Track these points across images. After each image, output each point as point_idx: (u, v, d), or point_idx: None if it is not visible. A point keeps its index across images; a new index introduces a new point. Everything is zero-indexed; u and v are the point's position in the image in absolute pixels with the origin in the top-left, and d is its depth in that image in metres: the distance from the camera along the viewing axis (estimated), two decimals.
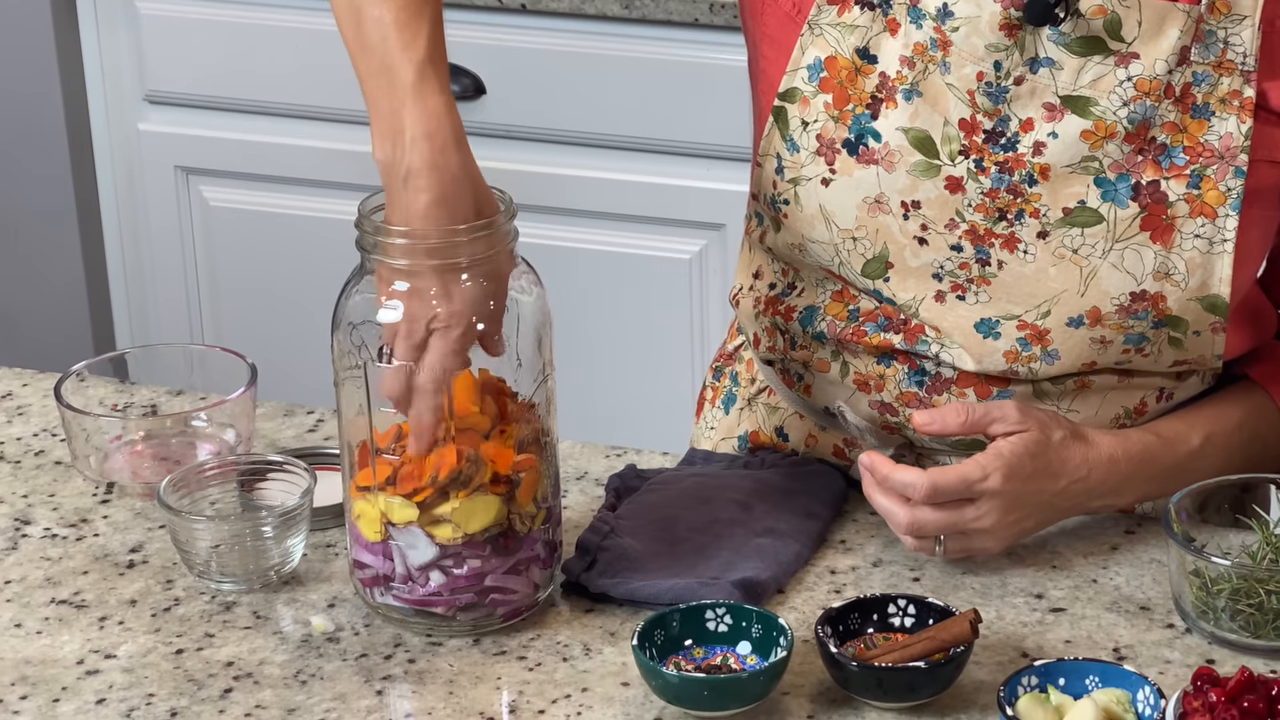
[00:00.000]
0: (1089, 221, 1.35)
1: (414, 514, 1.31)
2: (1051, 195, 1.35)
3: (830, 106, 1.37)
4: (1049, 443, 1.38)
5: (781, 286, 1.46)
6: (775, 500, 1.45)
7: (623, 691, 1.28)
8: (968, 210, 1.36)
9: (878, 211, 1.37)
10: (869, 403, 1.45)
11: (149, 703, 1.28)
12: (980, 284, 1.38)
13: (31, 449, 1.56)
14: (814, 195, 1.38)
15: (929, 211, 1.37)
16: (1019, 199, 1.35)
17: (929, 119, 1.35)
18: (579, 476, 1.51)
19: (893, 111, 1.36)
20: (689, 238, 2.51)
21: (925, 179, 1.36)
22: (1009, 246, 1.37)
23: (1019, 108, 1.34)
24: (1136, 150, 1.34)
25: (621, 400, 2.55)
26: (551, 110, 2.48)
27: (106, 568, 1.41)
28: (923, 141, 1.35)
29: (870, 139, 1.36)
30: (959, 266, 1.38)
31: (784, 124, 1.39)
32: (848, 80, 1.36)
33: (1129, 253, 1.36)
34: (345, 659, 1.31)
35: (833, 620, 1.29)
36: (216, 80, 2.62)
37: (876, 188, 1.37)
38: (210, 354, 1.57)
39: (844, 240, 1.39)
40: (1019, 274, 1.37)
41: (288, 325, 2.61)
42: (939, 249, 1.38)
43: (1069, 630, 1.34)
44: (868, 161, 1.36)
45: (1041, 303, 1.38)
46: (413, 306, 1.27)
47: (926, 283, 1.39)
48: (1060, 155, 1.35)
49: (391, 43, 1.26)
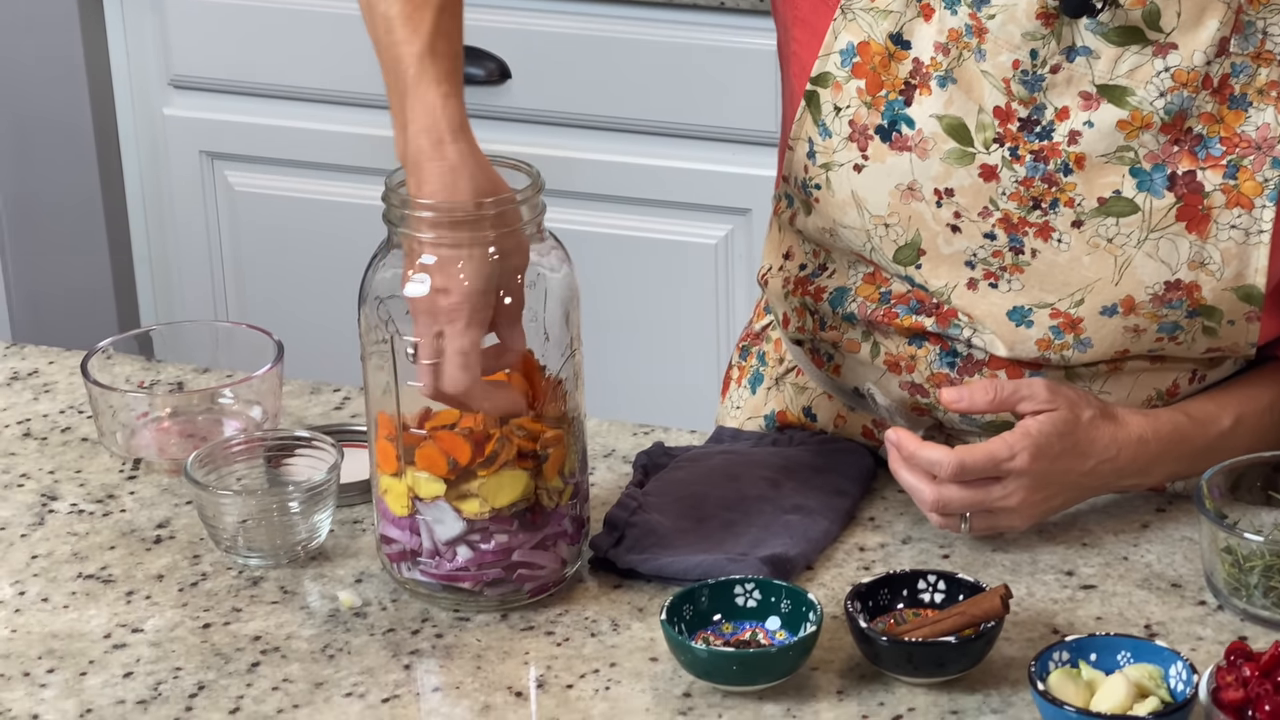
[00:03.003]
0: (1124, 211, 1.34)
1: (441, 489, 1.30)
2: (1087, 185, 1.34)
3: (863, 92, 1.36)
4: (1078, 422, 1.37)
5: (812, 267, 1.46)
6: (804, 477, 1.44)
7: (651, 667, 1.28)
8: (1002, 198, 1.35)
9: (910, 198, 1.36)
10: (899, 383, 1.44)
11: (176, 676, 1.27)
12: (1013, 272, 1.37)
13: (58, 426, 1.56)
14: (846, 181, 1.38)
15: (962, 199, 1.36)
16: (1054, 188, 1.34)
17: (963, 106, 1.34)
18: (606, 454, 1.51)
19: (927, 98, 1.35)
20: (714, 223, 2.50)
21: (959, 166, 1.35)
22: (1043, 235, 1.36)
23: (1055, 96, 1.33)
24: (1172, 140, 1.33)
25: (645, 388, 2.55)
26: (576, 95, 2.47)
27: (133, 543, 1.41)
28: (957, 129, 1.34)
29: (904, 125, 1.35)
30: (992, 255, 1.37)
31: (816, 108, 1.38)
32: (881, 66, 1.36)
33: (1164, 242, 1.35)
34: (372, 634, 1.31)
35: (862, 595, 1.29)
36: (242, 65, 2.62)
37: (909, 175, 1.36)
38: (236, 331, 1.57)
39: (876, 226, 1.38)
40: (1053, 263, 1.37)
41: (312, 310, 2.61)
42: (972, 237, 1.37)
43: (1100, 607, 1.33)
44: (901, 148, 1.36)
45: (1075, 291, 1.37)
46: (436, 280, 1.26)
47: (959, 270, 1.38)
48: (1096, 145, 1.34)
49: (396, 36, 1.28)
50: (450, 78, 1.27)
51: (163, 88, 2.66)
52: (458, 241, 1.25)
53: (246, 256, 2.70)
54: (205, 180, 2.69)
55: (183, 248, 2.73)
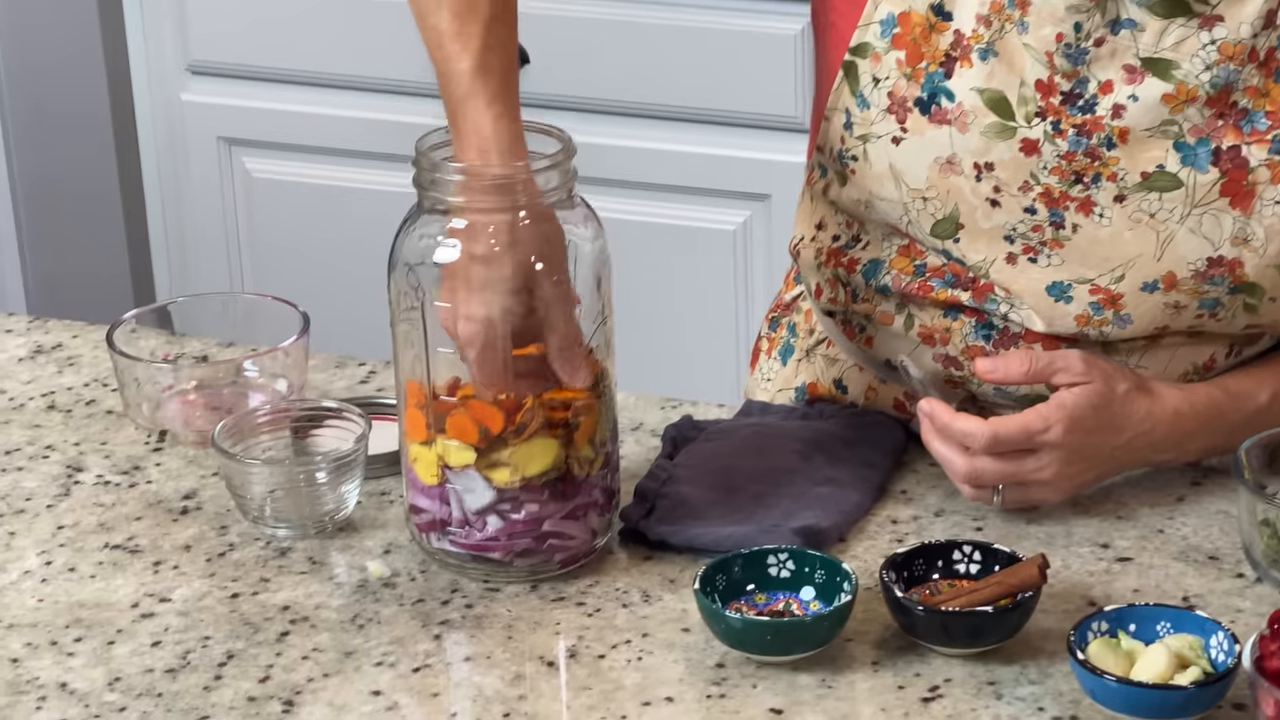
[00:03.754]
0: (1167, 186, 1.33)
1: (471, 457, 1.29)
2: (1130, 159, 1.33)
3: (903, 64, 1.35)
4: (1113, 395, 1.36)
5: (845, 239, 1.44)
6: (834, 450, 1.43)
7: (683, 637, 1.27)
8: (1043, 173, 1.34)
9: (949, 172, 1.35)
10: (933, 356, 1.42)
11: (205, 645, 1.26)
12: (1053, 247, 1.36)
13: (82, 399, 1.54)
14: (884, 153, 1.36)
15: (1002, 174, 1.34)
16: (1096, 162, 1.33)
17: (1005, 80, 1.33)
18: (634, 427, 1.49)
19: (967, 71, 1.33)
20: (734, 208, 2.49)
21: (999, 141, 1.34)
22: (1084, 210, 1.34)
23: (1098, 70, 1.32)
24: (1217, 115, 1.31)
25: (664, 374, 2.53)
26: (596, 80, 2.46)
27: (160, 514, 1.40)
28: (998, 103, 1.33)
29: (943, 98, 1.34)
30: (1032, 229, 1.36)
31: (854, 79, 1.36)
32: (921, 37, 1.34)
33: (1207, 218, 1.33)
34: (402, 604, 1.30)
35: (897, 566, 1.27)
36: (259, 51, 2.61)
37: (949, 148, 1.35)
38: (260, 305, 1.56)
39: (913, 200, 1.37)
40: (1093, 238, 1.35)
41: (330, 296, 2.59)
42: (1012, 211, 1.36)
43: (1137, 579, 1.32)
44: (940, 121, 1.34)
45: (1116, 267, 1.35)
46: (469, 246, 1.25)
47: (998, 244, 1.37)
48: (1140, 119, 1.32)
49: (446, 51, 1.27)
50: (501, 96, 1.26)
51: (180, 73, 2.66)
52: (490, 207, 1.24)
53: (263, 242, 2.69)
54: (222, 166, 2.68)
55: (199, 233, 2.72)
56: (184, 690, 1.22)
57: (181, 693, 1.22)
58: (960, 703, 1.21)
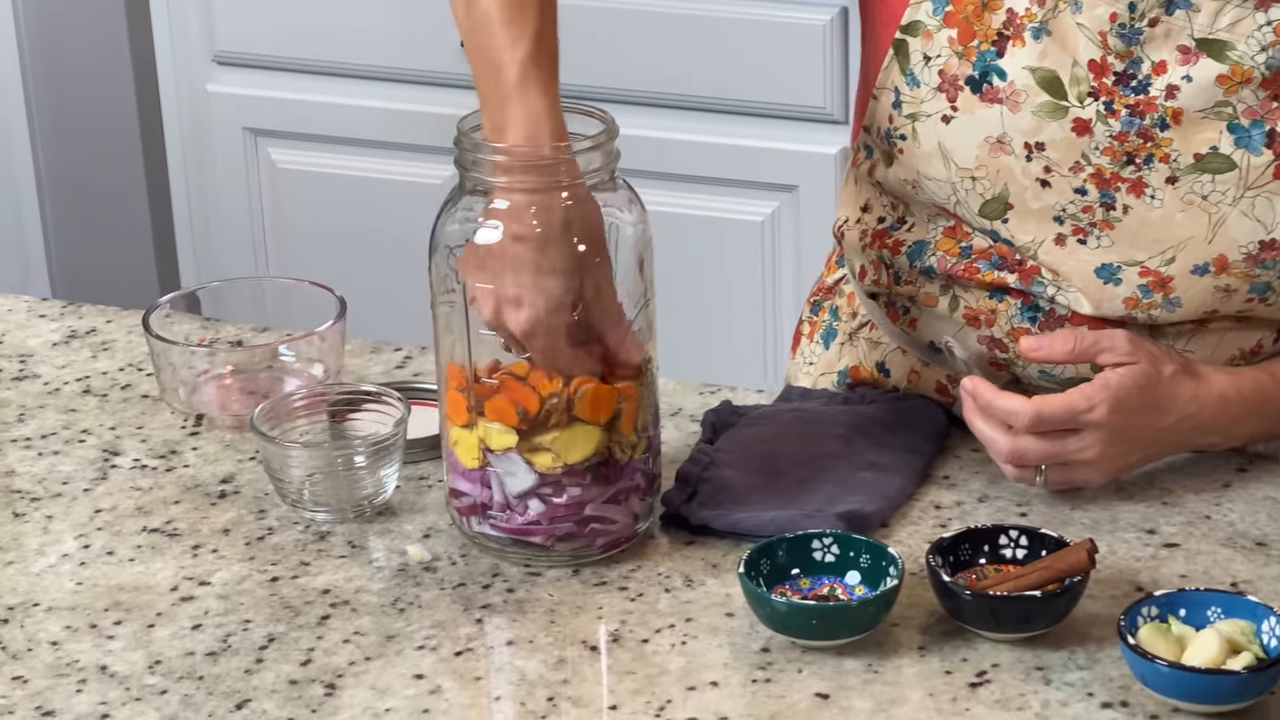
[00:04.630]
0: (1221, 168, 1.32)
1: (513, 440, 1.28)
2: (1183, 140, 1.32)
3: (954, 42, 1.34)
4: (1159, 377, 1.34)
5: (890, 220, 1.43)
6: (877, 435, 1.41)
7: (727, 622, 1.26)
8: (1094, 153, 1.33)
9: (999, 152, 1.34)
10: (978, 338, 1.41)
11: (245, 628, 1.25)
12: (1103, 228, 1.35)
13: (118, 383, 1.54)
14: (933, 132, 1.35)
15: (1054, 154, 1.33)
16: (1149, 143, 1.32)
17: (1058, 59, 1.32)
18: (673, 413, 1.48)
19: (1020, 50, 1.32)
20: (761, 200, 2.48)
21: (1051, 120, 1.32)
22: (1135, 191, 1.33)
23: (1152, 50, 1.31)
24: (1272, 96, 1.30)
25: (691, 365, 2.52)
26: (621, 70, 2.45)
27: (198, 498, 1.39)
28: (1050, 82, 1.32)
29: (995, 77, 1.33)
30: (1082, 210, 1.35)
31: (904, 58, 1.35)
32: (974, 16, 1.33)
33: (1260, 201, 1.32)
34: (443, 588, 1.29)
35: (943, 550, 1.26)
36: (285, 42, 2.60)
37: (1000, 127, 1.33)
38: (296, 290, 1.55)
39: (962, 179, 1.36)
40: (1144, 219, 1.34)
41: (355, 286, 2.58)
42: (1062, 192, 1.34)
43: (1184, 565, 1.30)
44: (991, 100, 1.33)
45: (1166, 249, 1.34)
46: (511, 227, 1.24)
47: (1047, 225, 1.36)
48: (1193, 100, 1.31)
49: (497, 39, 1.26)
50: (551, 86, 1.26)
51: (206, 64, 2.65)
52: (538, 187, 1.23)
53: (288, 233, 2.68)
54: (248, 157, 2.67)
55: (225, 224, 2.71)
56: (225, 673, 1.21)
57: (223, 675, 1.21)
58: (1009, 688, 1.19)
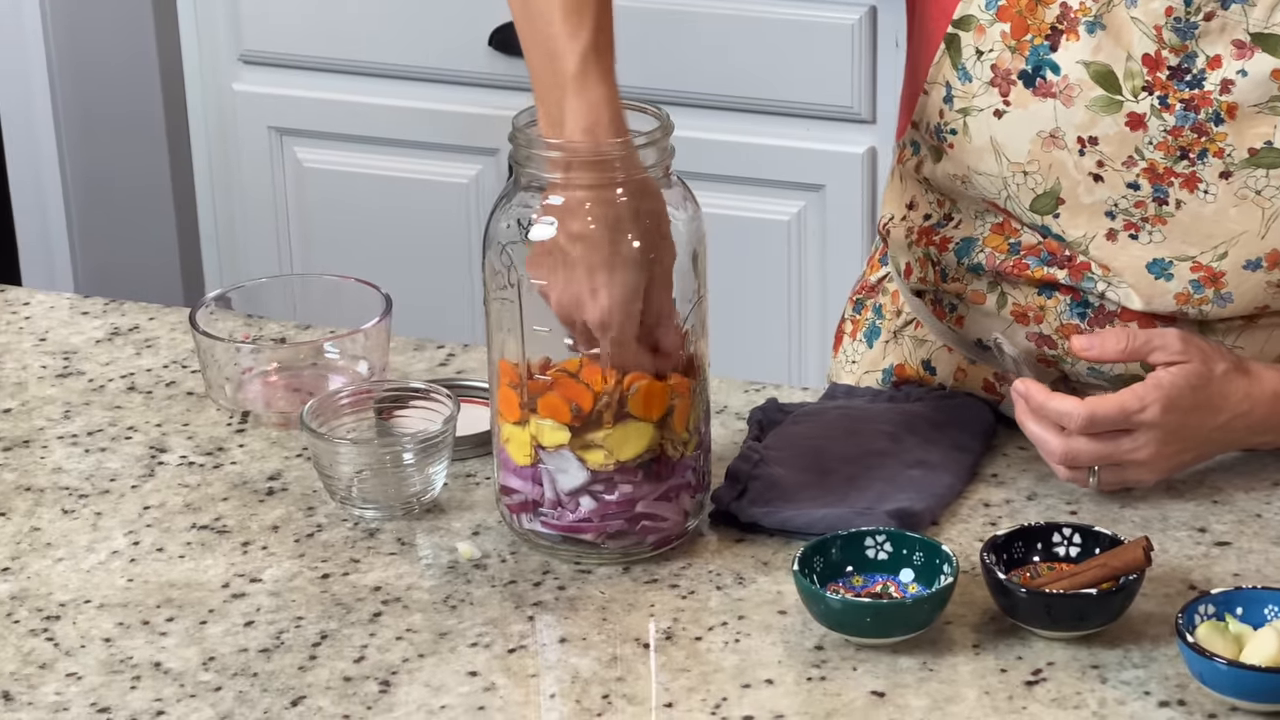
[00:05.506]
0: (1275, 163, 1.31)
1: (565, 437, 1.28)
2: (1237, 135, 1.31)
3: (1007, 36, 1.33)
4: (1211, 375, 1.34)
5: (937, 217, 1.43)
6: (925, 432, 1.41)
7: (780, 620, 1.25)
8: (1148, 148, 1.32)
9: (1052, 146, 1.34)
10: (1026, 334, 1.41)
11: (298, 625, 1.25)
12: (1155, 223, 1.34)
13: (162, 380, 1.53)
14: (985, 127, 1.35)
15: (1107, 148, 1.33)
16: (1203, 138, 1.31)
17: (1112, 53, 1.31)
18: (719, 410, 1.48)
19: (1073, 44, 1.32)
20: (788, 199, 2.47)
21: (1105, 115, 1.32)
22: (1189, 186, 1.33)
23: (1207, 44, 1.30)
24: None
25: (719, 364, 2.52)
26: (648, 69, 2.45)
27: (246, 494, 1.39)
28: (1105, 76, 1.31)
29: (1048, 71, 1.32)
30: (1134, 205, 1.34)
31: (956, 52, 1.35)
32: (1027, 10, 1.33)
33: None
34: (494, 585, 1.29)
35: (997, 548, 1.26)
36: (311, 40, 2.60)
37: (1053, 122, 1.33)
38: (341, 286, 1.55)
39: (1014, 174, 1.35)
40: (1197, 214, 1.34)
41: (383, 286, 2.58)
42: (1114, 186, 1.34)
43: (1237, 563, 1.30)
44: (1045, 94, 1.33)
45: (1219, 244, 1.34)
46: (577, 222, 1.24)
47: (1099, 220, 1.36)
48: (1248, 94, 1.31)
49: (557, 29, 1.25)
50: (610, 77, 1.26)
51: (232, 63, 2.65)
52: (601, 182, 1.23)
53: (314, 232, 2.68)
54: (274, 156, 2.67)
55: (250, 223, 2.71)
56: (279, 670, 1.21)
57: (277, 672, 1.21)
58: (1065, 686, 1.19)
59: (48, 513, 1.37)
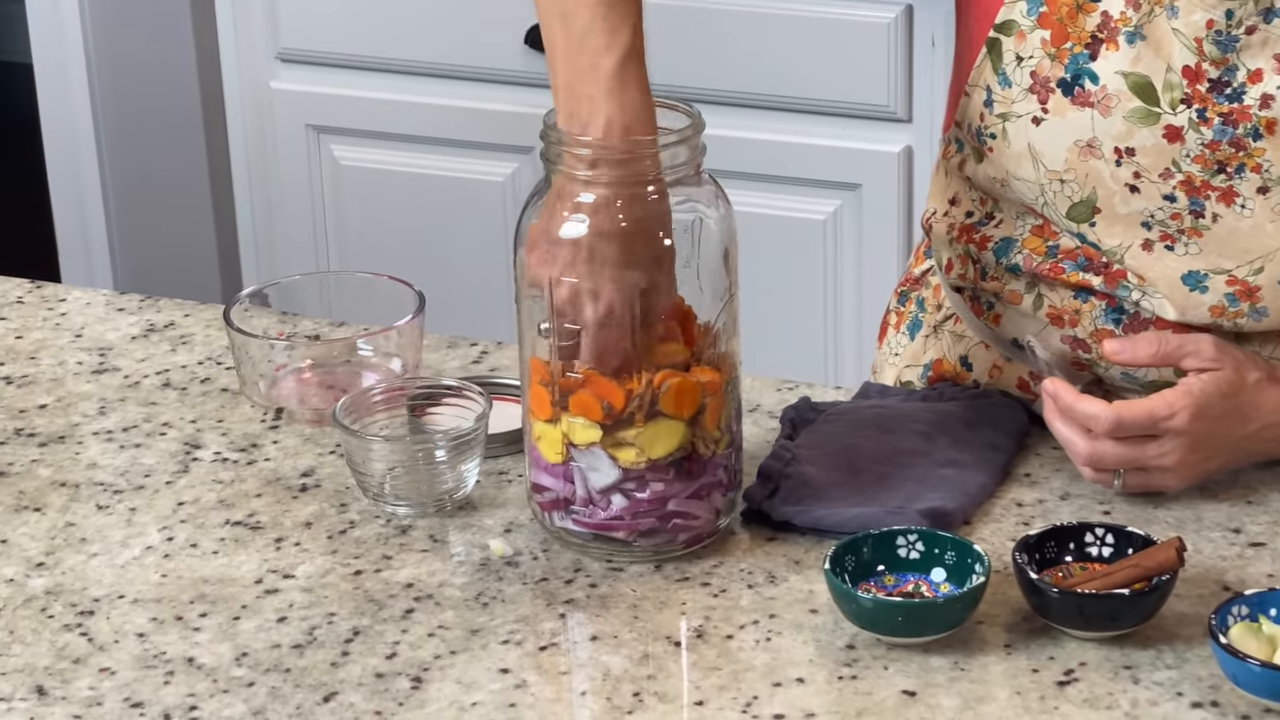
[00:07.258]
0: None
1: (597, 435, 1.28)
2: (1276, 150, 1.30)
3: (1047, 43, 1.33)
4: (1243, 384, 1.33)
5: (979, 215, 1.43)
6: (957, 432, 1.41)
7: (811, 618, 1.25)
8: (1185, 160, 1.32)
9: (1089, 155, 1.33)
10: (1061, 337, 1.41)
11: (330, 621, 1.25)
12: (1192, 236, 1.34)
13: (197, 376, 1.54)
14: (1023, 133, 1.34)
15: (1144, 159, 1.32)
16: (1241, 152, 1.31)
17: (1151, 64, 1.31)
18: (751, 409, 1.48)
19: (1113, 54, 1.31)
20: (824, 198, 2.47)
21: (1143, 126, 1.31)
22: (1226, 200, 1.32)
23: (1248, 58, 1.30)
24: None
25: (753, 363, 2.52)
26: (682, 68, 2.45)
27: (279, 491, 1.39)
28: (1143, 87, 1.31)
29: (1087, 80, 1.32)
30: (1170, 217, 1.34)
31: (997, 56, 1.35)
32: (1068, 18, 1.32)
33: None
34: (525, 582, 1.29)
35: (1029, 548, 1.26)
36: (349, 39, 2.61)
37: (1090, 131, 1.33)
38: (375, 284, 1.55)
39: (1051, 181, 1.35)
40: (1234, 228, 1.33)
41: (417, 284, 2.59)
42: (1151, 198, 1.33)
43: (1271, 564, 1.29)
44: (1083, 103, 1.32)
45: (1255, 259, 1.33)
46: (597, 221, 1.24)
47: (1135, 230, 1.35)
48: None
49: (597, 30, 1.25)
50: (645, 80, 1.26)
51: (270, 61, 2.66)
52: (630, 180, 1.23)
53: (351, 230, 2.69)
54: (311, 154, 2.68)
55: (287, 221, 2.72)
56: (312, 666, 1.22)
57: (309, 668, 1.21)
58: (1097, 686, 1.19)
59: (82, 508, 1.38)
